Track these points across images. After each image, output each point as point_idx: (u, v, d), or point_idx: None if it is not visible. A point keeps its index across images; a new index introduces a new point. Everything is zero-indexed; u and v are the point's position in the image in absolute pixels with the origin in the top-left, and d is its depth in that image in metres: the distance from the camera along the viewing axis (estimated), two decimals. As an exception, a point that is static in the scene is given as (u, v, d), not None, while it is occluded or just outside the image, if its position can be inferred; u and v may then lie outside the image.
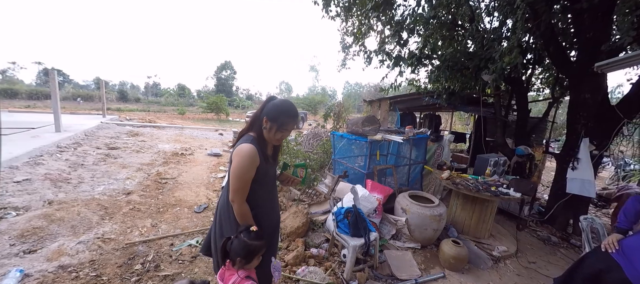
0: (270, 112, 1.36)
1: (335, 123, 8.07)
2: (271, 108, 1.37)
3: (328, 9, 5.18)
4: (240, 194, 1.32)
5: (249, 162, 1.30)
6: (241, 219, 1.36)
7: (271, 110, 1.37)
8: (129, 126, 11.40)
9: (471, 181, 3.47)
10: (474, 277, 2.65)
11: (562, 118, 6.76)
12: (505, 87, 5.06)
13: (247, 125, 1.45)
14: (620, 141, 3.98)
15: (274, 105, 1.38)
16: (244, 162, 1.29)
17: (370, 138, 3.67)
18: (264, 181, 1.41)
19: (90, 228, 2.98)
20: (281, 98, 1.45)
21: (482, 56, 3.70)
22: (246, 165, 1.30)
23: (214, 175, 5.43)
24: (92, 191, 4.01)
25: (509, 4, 3.24)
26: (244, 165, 1.29)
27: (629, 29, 2.67)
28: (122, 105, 26.67)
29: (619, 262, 1.63)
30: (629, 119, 3.36)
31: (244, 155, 1.29)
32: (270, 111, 1.36)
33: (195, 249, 2.76)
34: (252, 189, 1.36)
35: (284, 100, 1.43)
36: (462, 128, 13.06)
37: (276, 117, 1.35)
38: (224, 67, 43.75)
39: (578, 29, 3.60)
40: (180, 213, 3.59)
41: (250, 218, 1.37)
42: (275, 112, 1.36)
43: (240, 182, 1.31)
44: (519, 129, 4.80)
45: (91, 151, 6.27)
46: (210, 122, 18.13)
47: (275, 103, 1.39)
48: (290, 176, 1.76)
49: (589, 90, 3.48)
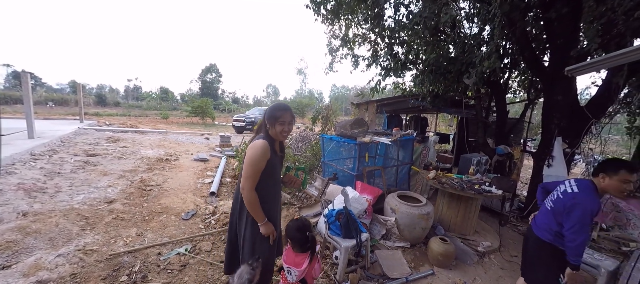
0: (266, 113, 1.66)
1: (323, 126, 8.12)
2: (267, 111, 1.68)
3: (320, 12, 5.25)
4: (250, 181, 1.54)
5: (261, 153, 1.54)
6: (250, 206, 1.56)
7: (267, 112, 1.67)
8: (109, 131, 10.92)
9: (456, 180, 3.61)
10: (461, 272, 2.76)
11: (537, 119, 7.15)
12: (486, 90, 5.31)
13: (255, 133, 1.77)
14: (590, 139, 4.28)
15: (268, 108, 1.70)
16: (257, 152, 1.54)
17: (359, 140, 3.73)
18: (272, 173, 1.64)
19: (70, 239, 2.84)
20: (274, 104, 1.73)
21: (463, 61, 3.87)
22: (259, 155, 1.54)
23: (201, 180, 5.31)
24: (71, 200, 3.82)
25: (487, 11, 3.42)
26: (257, 154, 1.53)
27: (594, 36, 2.90)
28: (101, 109, 25.48)
29: (531, 224, 2.10)
30: (597, 119, 3.63)
31: (257, 147, 1.55)
32: (266, 113, 1.66)
33: (184, 257, 2.70)
34: (263, 181, 1.58)
35: (275, 104, 1.75)
36: (446, 129, 13.51)
37: (271, 115, 1.63)
38: (209, 69, 42.88)
39: (550, 35, 3.84)
40: (167, 220, 3.48)
41: (258, 205, 1.57)
42: (269, 112, 1.65)
43: (252, 169, 1.53)
44: (498, 129, 5.05)
45: (68, 158, 5.96)
46: (195, 126, 17.70)
47: (271, 107, 1.69)
48: (293, 177, 2.00)
49: (560, 92, 3.72)
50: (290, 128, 1.67)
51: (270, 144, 1.60)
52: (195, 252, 2.81)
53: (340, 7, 5.02)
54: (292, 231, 1.72)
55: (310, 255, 1.67)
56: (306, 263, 1.63)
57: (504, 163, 4.43)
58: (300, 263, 1.62)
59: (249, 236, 1.64)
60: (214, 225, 3.43)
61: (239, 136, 11.77)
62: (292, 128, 1.70)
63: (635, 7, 2.65)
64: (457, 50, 4.12)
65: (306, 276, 1.60)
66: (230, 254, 1.79)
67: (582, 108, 3.65)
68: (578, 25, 3.50)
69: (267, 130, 1.64)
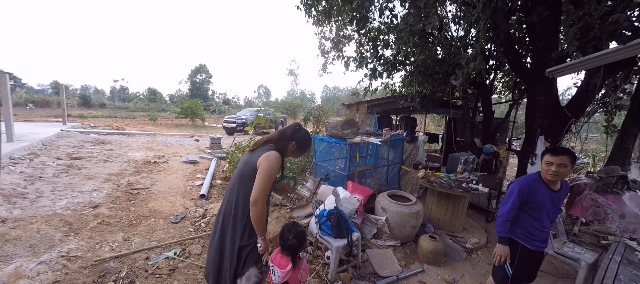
0: (299, 140, 1.70)
1: (315, 127, 8.13)
2: (301, 138, 1.72)
3: (311, 14, 5.26)
4: (265, 194, 1.52)
5: (277, 166, 1.55)
6: (260, 219, 1.52)
7: (300, 139, 1.71)
8: (94, 134, 10.58)
9: (444, 179, 3.69)
10: (450, 269, 2.82)
11: (521, 119, 7.40)
12: (472, 91, 5.45)
13: (272, 137, 1.70)
14: (570, 138, 4.46)
15: (303, 136, 1.74)
16: (274, 165, 1.52)
17: (350, 140, 3.77)
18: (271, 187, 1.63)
19: (52, 246, 2.74)
20: (305, 130, 1.78)
21: (450, 62, 3.97)
22: (275, 168, 1.53)
23: (190, 183, 5.22)
24: (54, 205, 3.69)
25: (472, 14, 3.52)
26: (274, 167, 1.52)
27: (573, 38, 3.03)
28: (85, 111, 24.62)
29: None
30: (576, 118, 3.79)
31: (274, 159, 1.53)
32: (299, 140, 1.70)
33: (173, 261, 2.65)
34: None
35: (308, 133, 1.78)
36: (435, 129, 13.76)
37: (304, 142, 1.73)
38: (199, 70, 42.18)
39: (532, 38, 3.98)
40: (155, 224, 3.41)
41: (265, 220, 1.56)
42: (303, 141, 1.72)
43: (268, 182, 1.51)
44: (484, 129, 5.19)
45: (50, 162, 5.75)
46: (184, 127, 17.37)
47: (304, 134, 1.74)
48: (286, 185, 2.05)
49: (542, 93, 3.86)
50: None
51: (282, 159, 1.63)
52: (185, 256, 2.76)
53: (331, 8, 5.06)
54: (282, 232, 1.73)
55: (293, 262, 1.63)
56: (289, 267, 1.61)
57: (490, 162, 4.56)
58: (284, 265, 1.62)
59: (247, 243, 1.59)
60: (204, 228, 3.39)
61: (230, 137, 11.64)
62: None
63: (610, 12, 2.79)
64: (445, 52, 4.22)
65: (289, 279, 1.59)
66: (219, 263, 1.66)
67: (563, 108, 3.80)
68: (558, 29, 3.65)
69: (285, 146, 1.65)
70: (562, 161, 1.73)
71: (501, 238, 1.87)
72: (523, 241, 1.89)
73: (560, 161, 1.73)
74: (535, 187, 1.82)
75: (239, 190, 1.60)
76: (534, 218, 1.85)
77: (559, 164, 1.73)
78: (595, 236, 3.85)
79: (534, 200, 1.82)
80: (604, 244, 3.58)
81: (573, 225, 3.98)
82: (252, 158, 1.58)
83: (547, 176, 1.79)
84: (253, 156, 1.59)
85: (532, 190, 1.83)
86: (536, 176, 1.87)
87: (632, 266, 2.17)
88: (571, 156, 1.74)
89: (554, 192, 1.82)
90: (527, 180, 1.88)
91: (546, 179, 1.82)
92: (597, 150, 9.48)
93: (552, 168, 1.75)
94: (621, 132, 4.26)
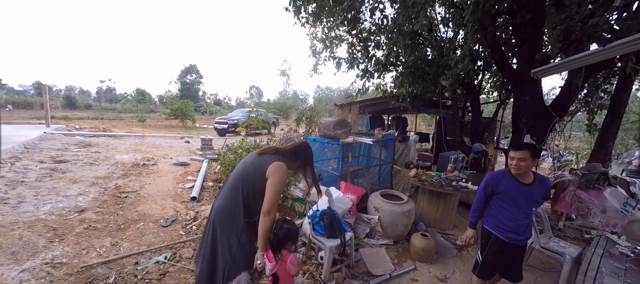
0: (306, 160, 1.77)
1: (307, 127, 8.13)
2: (308, 158, 1.78)
3: (299, 16, 5.26)
4: (276, 205, 1.56)
5: (286, 176, 1.60)
6: (266, 232, 1.54)
7: (307, 159, 1.77)
8: (79, 136, 10.26)
9: (435, 178, 3.76)
10: (441, 266, 2.87)
11: (508, 118, 7.61)
12: (461, 91, 5.57)
13: (285, 150, 1.73)
14: (555, 136, 4.62)
15: (309, 155, 1.79)
16: (284, 178, 1.57)
17: (342, 141, 3.78)
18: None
19: (36, 253, 2.64)
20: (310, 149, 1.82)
21: (440, 63, 4.04)
22: (284, 181, 1.58)
23: (181, 185, 5.13)
24: (37, 211, 3.55)
25: (460, 16, 3.60)
26: (284, 179, 1.57)
27: (556, 40, 3.14)
28: (70, 112, 23.83)
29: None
30: (560, 117, 3.93)
31: (285, 171, 1.58)
32: (306, 159, 1.77)
33: (163, 265, 2.59)
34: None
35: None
36: (425, 128, 13.97)
37: (306, 164, 1.77)
38: (189, 70, 41.47)
39: (517, 40, 4.11)
40: (144, 228, 3.33)
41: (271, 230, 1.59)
42: (308, 161, 1.78)
43: (279, 194, 1.55)
44: (473, 128, 5.31)
45: (33, 166, 5.54)
46: (174, 129, 17.05)
47: (310, 154, 1.79)
48: (287, 208, 1.99)
49: (528, 93, 3.99)
50: None
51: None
52: (176, 260, 2.71)
53: (321, 10, 5.07)
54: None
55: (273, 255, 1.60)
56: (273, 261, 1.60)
57: (479, 160, 4.67)
58: (271, 258, 1.61)
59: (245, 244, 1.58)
60: (195, 231, 3.33)
61: (221, 139, 11.49)
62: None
63: (591, 15, 2.90)
64: (434, 53, 4.29)
65: (278, 273, 1.60)
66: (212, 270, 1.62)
67: (547, 108, 3.93)
68: (542, 31, 3.77)
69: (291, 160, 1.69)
70: (522, 156, 1.85)
71: (470, 223, 2.14)
72: (494, 231, 2.00)
73: (520, 155, 1.86)
74: (501, 180, 1.97)
75: (242, 188, 1.57)
76: (505, 209, 1.96)
77: (519, 158, 1.86)
78: (579, 231, 4.00)
79: (500, 192, 1.96)
80: (587, 238, 3.72)
81: (558, 221, 4.12)
82: (261, 161, 1.60)
83: (512, 169, 1.93)
84: (262, 160, 1.61)
85: (497, 183, 1.97)
86: (505, 171, 2.02)
87: (613, 258, 2.26)
88: (532, 151, 1.85)
89: (525, 185, 1.91)
90: (494, 173, 2.05)
91: (514, 173, 1.94)
92: (580, 148, 9.86)
93: (514, 162, 1.89)
94: (602, 131, 4.44)
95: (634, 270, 2.09)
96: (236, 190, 1.59)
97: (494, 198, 2.01)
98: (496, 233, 1.98)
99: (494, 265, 2.03)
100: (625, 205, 3.78)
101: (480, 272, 2.06)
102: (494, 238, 1.99)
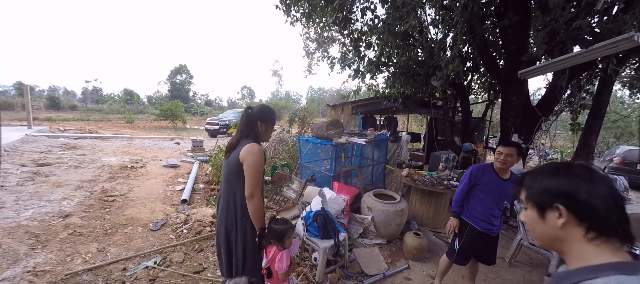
0: (262, 116, 1.64)
1: (300, 128, 8.10)
2: (261, 113, 1.65)
3: (290, 13, 5.24)
4: (259, 187, 1.52)
5: (262, 156, 1.53)
6: (258, 213, 1.53)
7: (262, 114, 1.64)
8: (64, 138, 9.91)
9: (427, 177, 3.80)
10: (433, 264, 2.90)
11: (496, 118, 7.80)
12: (451, 91, 5.67)
13: (238, 135, 1.63)
14: (541, 135, 4.75)
15: (262, 110, 1.67)
16: (258, 156, 1.51)
17: (335, 141, 3.78)
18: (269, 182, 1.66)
19: (16, 260, 2.53)
20: (260, 103, 1.70)
21: (430, 64, 4.10)
22: (261, 160, 1.52)
23: (171, 188, 5.02)
24: (17, 216, 3.41)
25: (450, 18, 3.67)
26: (259, 159, 1.51)
27: (541, 43, 3.23)
28: (54, 113, 23.01)
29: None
30: (546, 117, 4.04)
31: (256, 151, 1.51)
32: (262, 115, 1.64)
33: (153, 271, 2.53)
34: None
35: (265, 105, 1.74)
36: (417, 128, 14.16)
37: (268, 118, 1.65)
38: (179, 70, 40.70)
39: (504, 42, 4.22)
40: (132, 232, 3.24)
41: (263, 211, 1.56)
42: (266, 115, 1.65)
43: (258, 175, 1.51)
44: (463, 128, 5.41)
45: (14, 169, 5.31)
46: (164, 130, 16.70)
47: (263, 108, 1.68)
48: (282, 174, 2.01)
49: (515, 93, 4.09)
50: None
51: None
52: (166, 264, 2.65)
53: (313, 10, 5.07)
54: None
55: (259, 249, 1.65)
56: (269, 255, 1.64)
57: (469, 159, 4.76)
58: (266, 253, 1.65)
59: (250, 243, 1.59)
60: (186, 234, 3.26)
61: (213, 140, 11.33)
62: None
63: (574, 18, 3.00)
64: (425, 54, 4.35)
65: (271, 267, 1.61)
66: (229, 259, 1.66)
67: (534, 108, 4.04)
68: (528, 33, 3.88)
69: (256, 131, 1.62)
70: (510, 152, 1.99)
71: (453, 212, 2.24)
72: (470, 221, 2.16)
73: (508, 151, 2.00)
74: (484, 172, 2.11)
75: (231, 193, 1.58)
76: (482, 200, 2.12)
77: (507, 154, 2.00)
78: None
79: (482, 183, 2.10)
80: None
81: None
82: (233, 157, 1.57)
83: (497, 164, 2.05)
84: (233, 155, 1.57)
85: (481, 174, 2.12)
86: (489, 164, 2.15)
87: (596, 253, 2.34)
88: (518, 148, 2.02)
89: (503, 180, 2.07)
90: (479, 166, 2.19)
91: (496, 167, 2.08)
92: (564, 147, 10.19)
93: (502, 157, 2.02)
94: (585, 130, 4.59)
95: (616, 264, 2.17)
96: (228, 195, 1.60)
97: (474, 189, 2.16)
98: (472, 224, 2.14)
99: (469, 252, 2.21)
100: (608, 201, 3.93)
101: (457, 259, 2.22)
102: (470, 228, 2.15)
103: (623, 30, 2.69)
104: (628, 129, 12.79)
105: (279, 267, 1.58)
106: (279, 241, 1.61)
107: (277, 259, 1.58)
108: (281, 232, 1.61)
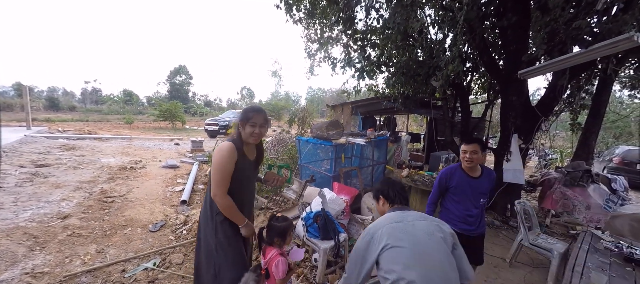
0: (239, 115, 1.63)
1: (300, 129, 8.09)
2: (240, 112, 1.66)
3: (291, 13, 5.23)
4: (221, 186, 1.48)
5: (227, 155, 1.49)
6: (227, 211, 1.53)
7: (240, 113, 1.65)
8: (63, 139, 9.89)
9: (427, 178, 3.80)
10: (433, 265, 2.89)
11: (496, 118, 7.81)
12: (451, 92, 5.67)
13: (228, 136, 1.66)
14: (540, 135, 4.75)
15: (246, 109, 1.66)
16: (223, 155, 1.48)
17: (335, 142, 3.78)
18: (240, 178, 1.57)
19: (15, 262, 2.52)
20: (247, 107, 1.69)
21: (430, 64, 4.09)
22: (225, 158, 1.48)
23: (170, 188, 5.01)
24: (16, 218, 3.39)
25: (450, 18, 3.66)
26: (224, 157, 1.48)
27: (541, 43, 3.22)
28: (53, 114, 22.97)
29: None
30: (546, 117, 4.04)
31: (223, 150, 1.50)
32: (239, 114, 1.64)
33: (152, 272, 2.51)
34: (232, 187, 1.52)
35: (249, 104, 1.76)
36: (417, 129, 14.16)
37: (243, 116, 1.60)
38: (178, 71, 40.71)
39: (504, 42, 4.21)
40: (132, 234, 3.23)
41: (236, 208, 1.54)
42: (242, 113, 1.62)
43: (220, 174, 1.47)
44: (463, 128, 5.40)
45: (12, 170, 5.29)
46: (164, 131, 16.68)
47: (246, 108, 1.67)
48: (275, 175, 1.96)
49: (514, 93, 4.09)
50: (261, 132, 1.60)
51: (239, 147, 1.55)
52: (165, 266, 2.63)
53: (315, 9, 5.06)
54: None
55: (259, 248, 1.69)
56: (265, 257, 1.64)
57: (469, 160, 4.75)
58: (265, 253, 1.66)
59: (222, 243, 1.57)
60: (185, 235, 3.25)
61: (212, 140, 11.31)
62: (264, 132, 1.63)
63: (573, 18, 3.00)
64: (425, 54, 4.34)
65: (269, 269, 1.60)
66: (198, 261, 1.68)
67: (533, 108, 4.04)
68: (528, 33, 3.88)
69: (239, 133, 1.61)
70: (473, 149, 1.98)
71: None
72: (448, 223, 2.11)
73: (472, 149, 1.99)
74: (453, 174, 2.09)
75: (208, 191, 1.61)
76: (455, 201, 2.10)
77: (471, 151, 1.99)
78: (565, 227, 4.12)
79: (452, 185, 2.08)
80: (573, 234, 3.84)
81: (545, 217, 4.23)
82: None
83: (464, 163, 2.04)
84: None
85: (450, 176, 2.10)
86: (456, 165, 2.14)
87: (598, 253, 2.34)
88: (481, 144, 2.01)
89: (473, 178, 2.05)
90: (447, 169, 2.17)
91: (464, 166, 2.07)
92: (564, 147, 10.20)
93: (467, 155, 2.01)
94: (584, 130, 4.60)
95: (618, 264, 2.16)
96: (207, 194, 1.63)
97: (447, 194, 2.14)
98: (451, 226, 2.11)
99: None
100: (608, 201, 3.93)
101: None
102: None
103: (623, 30, 2.68)
104: (627, 129, 12.82)
105: (275, 273, 1.57)
106: (281, 239, 1.61)
107: (273, 265, 1.57)
108: (283, 229, 1.61)
